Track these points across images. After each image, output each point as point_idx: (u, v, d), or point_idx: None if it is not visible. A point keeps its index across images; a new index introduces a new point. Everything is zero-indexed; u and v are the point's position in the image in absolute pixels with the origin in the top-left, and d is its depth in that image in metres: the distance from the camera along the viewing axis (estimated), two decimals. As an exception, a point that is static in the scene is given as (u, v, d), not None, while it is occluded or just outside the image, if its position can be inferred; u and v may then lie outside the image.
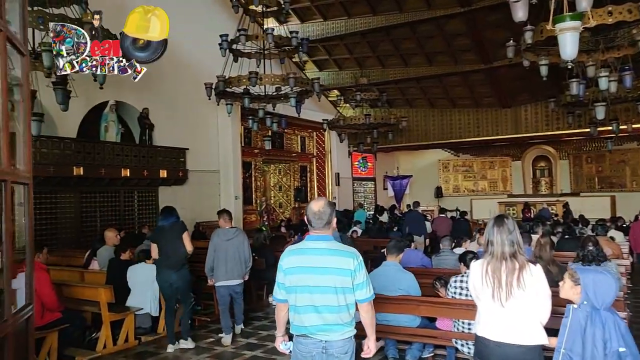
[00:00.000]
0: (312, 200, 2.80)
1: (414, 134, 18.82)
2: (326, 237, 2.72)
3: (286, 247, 6.51)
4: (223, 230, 5.88)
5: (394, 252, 4.59)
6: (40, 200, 9.04)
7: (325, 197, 3.47)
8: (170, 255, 5.32)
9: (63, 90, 6.01)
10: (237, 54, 10.31)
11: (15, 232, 3.29)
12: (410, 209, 12.28)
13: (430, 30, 14.39)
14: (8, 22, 2.79)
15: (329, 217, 2.71)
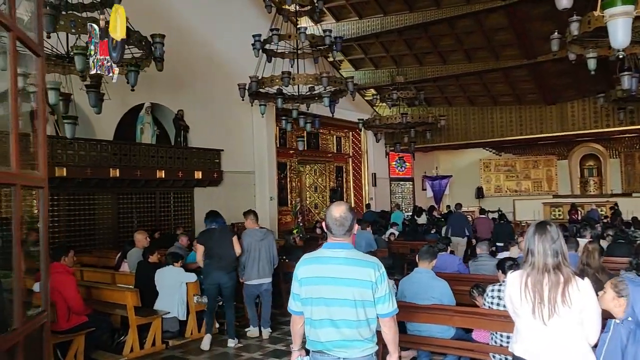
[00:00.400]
0: (333, 205, 2.56)
1: (453, 133, 18.31)
2: (346, 245, 2.50)
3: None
4: (253, 231, 5.99)
5: (426, 258, 4.32)
6: (78, 201, 9.22)
7: (346, 202, 3.24)
8: (223, 257, 5.51)
9: (96, 93, 6.04)
10: (270, 54, 10.21)
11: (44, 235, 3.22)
12: (453, 210, 11.88)
13: (469, 26, 13.92)
14: (20, 20, 2.71)
15: (350, 224, 2.48)
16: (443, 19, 13.53)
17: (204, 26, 12.14)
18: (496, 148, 21.04)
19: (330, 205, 2.56)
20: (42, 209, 2.98)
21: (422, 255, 4.35)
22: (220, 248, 5.54)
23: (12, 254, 2.62)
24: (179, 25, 11.61)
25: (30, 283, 4.62)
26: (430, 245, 4.54)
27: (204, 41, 12.13)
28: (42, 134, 3.00)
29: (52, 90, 5.78)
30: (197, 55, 11.95)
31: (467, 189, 21.47)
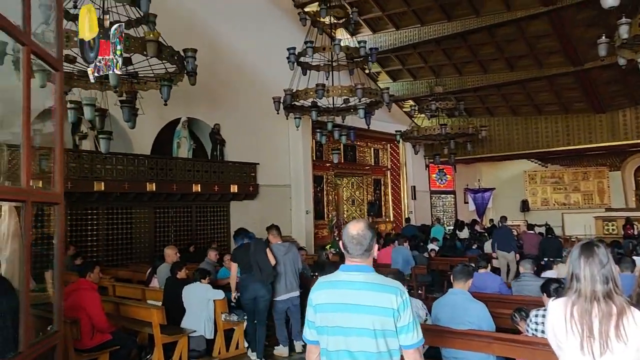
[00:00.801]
0: (350, 222, 2.36)
1: (495, 144, 17.71)
2: (364, 267, 2.26)
3: None
4: (277, 246, 5.99)
5: (460, 278, 4.03)
6: (116, 215, 9.36)
7: (366, 219, 3.02)
8: (262, 269, 5.52)
9: (130, 108, 6.08)
10: (305, 66, 10.14)
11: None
12: (498, 224, 11.38)
13: (510, 34, 13.46)
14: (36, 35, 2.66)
15: (369, 243, 2.25)
16: (483, 27, 13.13)
17: (239, 41, 12.23)
18: (542, 159, 20.24)
19: (348, 223, 2.36)
20: (57, 226, 2.90)
21: (457, 274, 4.06)
22: (259, 260, 5.57)
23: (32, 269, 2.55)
24: (214, 40, 11.75)
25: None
26: (464, 263, 4.22)
27: (239, 56, 12.21)
28: (59, 150, 2.94)
29: (87, 106, 5.85)
30: (233, 70, 12.03)
31: (512, 202, 20.78)
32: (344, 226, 2.35)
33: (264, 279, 5.54)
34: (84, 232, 8.86)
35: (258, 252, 5.60)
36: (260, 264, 5.55)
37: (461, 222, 16.94)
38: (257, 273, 5.51)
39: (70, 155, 8.29)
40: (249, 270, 5.58)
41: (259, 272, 5.52)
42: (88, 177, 8.49)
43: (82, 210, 8.85)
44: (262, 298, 5.61)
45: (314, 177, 14.56)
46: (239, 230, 6.27)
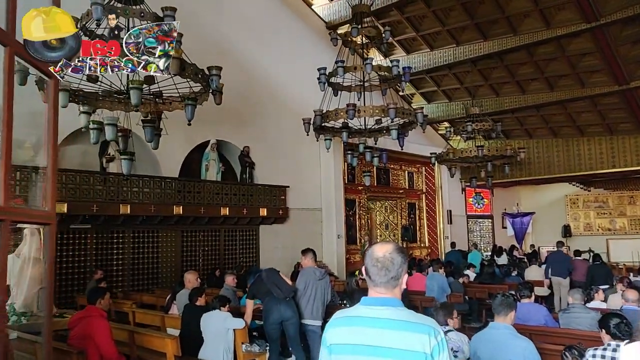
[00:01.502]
0: (377, 244, 1.98)
1: (535, 167, 17.00)
2: (391, 300, 1.86)
3: None
4: (312, 269, 5.74)
5: (502, 311, 3.59)
6: (142, 239, 9.24)
7: (395, 242, 2.62)
8: (282, 288, 5.32)
9: (152, 127, 5.95)
10: (336, 87, 9.94)
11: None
12: (556, 249, 10.99)
13: (550, 52, 12.96)
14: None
15: (397, 270, 1.85)
16: (521, 46, 12.69)
17: (270, 62, 12.18)
18: (584, 183, 19.37)
19: (374, 245, 1.97)
20: (46, 247, 2.66)
21: (497, 307, 3.62)
22: (275, 283, 5.37)
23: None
24: (244, 62, 11.72)
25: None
26: (504, 293, 3.76)
27: (270, 77, 12.15)
28: (51, 166, 2.71)
29: (109, 126, 5.75)
30: (263, 91, 11.96)
31: (553, 227, 19.97)
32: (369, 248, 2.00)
33: (285, 294, 5.31)
34: (110, 255, 8.77)
35: (271, 275, 5.46)
36: (277, 283, 5.37)
37: (499, 248, 16.24)
38: (276, 292, 5.29)
39: (97, 178, 8.26)
40: (270, 295, 5.37)
41: (279, 290, 5.31)
42: (114, 200, 8.42)
43: (108, 233, 8.77)
44: (289, 321, 5.34)
45: (346, 200, 14.22)
46: (248, 269, 6.14)
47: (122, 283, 8.84)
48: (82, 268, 8.31)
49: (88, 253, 8.44)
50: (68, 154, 9.02)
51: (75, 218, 8.05)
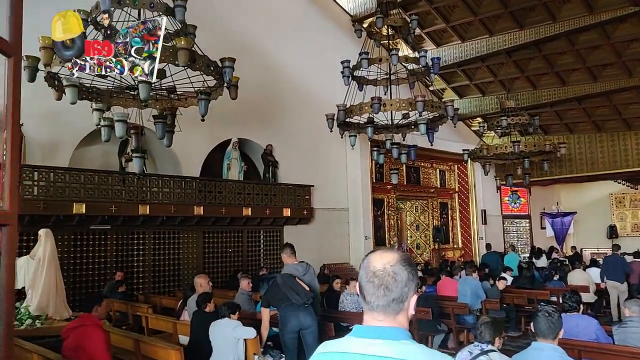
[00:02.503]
0: (375, 252, 1.43)
1: (576, 164, 16.06)
2: (393, 332, 1.33)
3: None
4: (292, 266, 5.30)
5: (545, 332, 3.04)
6: (163, 240, 8.99)
7: (400, 250, 1.99)
8: (299, 292, 4.90)
9: (163, 124, 5.61)
10: (362, 81, 9.47)
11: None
12: (610, 253, 10.53)
13: (593, 40, 12.13)
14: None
15: (401, 290, 1.33)
16: (561, 33, 11.91)
17: (293, 57, 11.80)
18: (631, 180, 18.28)
19: (370, 254, 1.43)
20: (4, 250, 2.27)
21: (540, 327, 3.07)
22: (291, 288, 4.93)
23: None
24: (267, 58, 11.38)
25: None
26: (548, 311, 3.15)
27: (293, 73, 11.76)
28: (11, 159, 2.32)
29: (119, 123, 5.44)
30: (286, 88, 11.59)
31: (597, 227, 18.98)
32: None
33: (304, 299, 4.88)
34: (131, 257, 8.55)
35: (287, 280, 5.00)
36: (294, 288, 4.93)
37: (538, 249, 15.40)
38: (294, 297, 4.86)
39: (116, 178, 8.03)
40: (288, 301, 4.94)
41: (297, 296, 4.86)
42: (133, 200, 8.18)
43: (128, 234, 8.55)
44: (309, 329, 4.93)
45: (374, 200, 13.71)
46: (259, 277, 5.65)
47: (143, 285, 8.60)
48: (102, 270, 8.11)
49: (108, 254, 8.23)
50: (89, 154, 8.86)
51: (94, 219, 7.85)
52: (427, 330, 6.24)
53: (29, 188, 7.06)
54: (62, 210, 7.26)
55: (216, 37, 10.05)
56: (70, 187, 7.46)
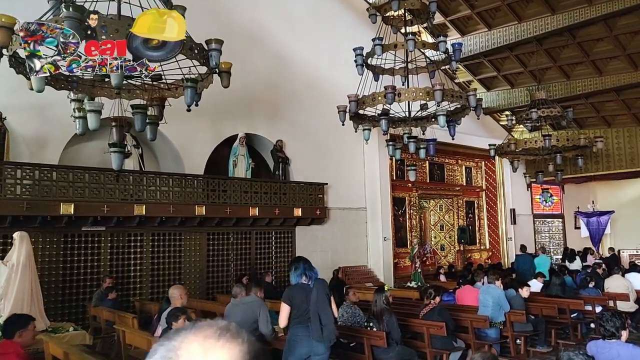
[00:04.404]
0: (190, 338, 0.82)
1: (614, 160, 14.94)
2: None
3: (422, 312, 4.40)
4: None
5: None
6: (163, 242, 8.47)
7: (240, 338, 1.05)
8: (325, 323, 4.14)
9: (142, 114, 5.03)
10: (377, 70, 8.76)
11: None
12: None
13: (634, 24, 11.12)
14: None
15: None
16: (597, 18, 10.92)
17: (306, 48, 11.15)
18: (673, 177, 16.95)
19: None
20: None
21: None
22: (319, 311, 4.13)
23: None
24: (277, 48, 10.76)
25: None
26: (573, 352, 2.34)
27: (306, 64, 11.11)
28: None
29: (92, 113, 4.88)
30: (299, 80, 10.95)
31: (636, 227, 17.69)
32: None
33: (326, 339, 4.10)
34: (127, 260, 8.01)
35: (321, 299, 4.14)
36: (323, 316, 4.10)
37: (571, 251, 14.39)
38: (315, 329, 4.08)
39: (109, 176, 7.50)
40: (305, 322, 4.16)
41: (319, 329, 4.07)
42: (128, 199, 7.66)
43: (124, 236, 8.02)
44: (320, 356, 4.20)
45: (394, 199, 12.96)
46: (298, 260, 4.59)
47: (141, 291, 8.07)
48: (95, 274, 7.61)
49: (102, 258, 7.72)
50: (86, 151, 8.42)
51: (85, 220, 7.36)
52: (440, 347, 5.51)
53: (10, 187, 6.61)
54: (48, 210, 6.78)
55: (224, 26, 9.50)
56: (57, 185, 6.98)
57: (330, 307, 4.22)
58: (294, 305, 4.15)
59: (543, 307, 7.52)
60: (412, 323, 5.71)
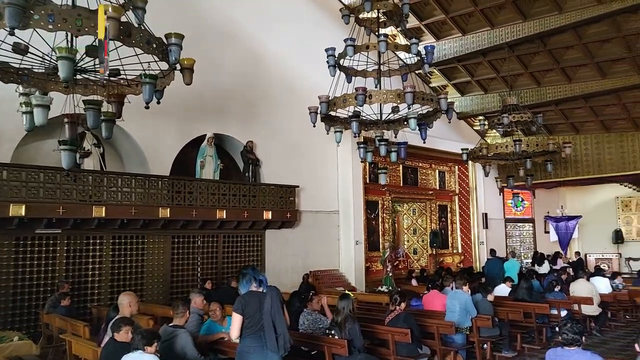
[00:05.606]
0: None
1: (582, 166, 15.18)
2: None
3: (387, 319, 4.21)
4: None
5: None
6: (125, 245, 8.14)
7: None
8: (281, 332, 3.88)
9: (95, 111, 4.75)
10: (350, 72, 8.63)
11: None
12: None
13: (603, 32, 11.28)
14: None
15: None
16: (567, 25, 11.04)
17: (282, 49, 10.97)
18: (637, 183, 17.48)
19: None
20: None
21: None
22: (275, 320, 3.89)
23: None
24: (251, 47, 10.56)
25: None
26: None
27: (281, 65, 10.93)
28: None
29: (40, 108, 4.59)
30: (273, 81, 10.76)
31: (602, 232, 18.36)
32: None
33: (281, 348, 3.84)
34: (85, 265, 7.65)
35: (275, 307, 3.90)
36: (278, 324, 3.86)
37: (540, 255, 14.52)
38: (270, 338, 3.83)
39: (66, 176, 7.13)
40: (258, 332, 3.88)
41: (274, 338, 3.83)
42: (86, 200, 7.34)
43: (83, 239, 7.67)
44: None
45: (368, 202, 12.87)
46: (245, 268, 4.27)
47: (99, 297, 7.74)
48: (50, 280, 7.25)
49: (58, 262, 7.37)
50: (46, 149, 8.03)
51: (39, 222, 6.99)
52: (405, 354, 5.37)
53: None
54: (-4, 211, 6.42)
55: (195, 22, 9.26)
56: (8, 185, 6.62)
57: (284, 314, 4.01)
58: (247, 314, 3.86)
59: (509, 312, 7.49)
60: (377, 330, 5.57)
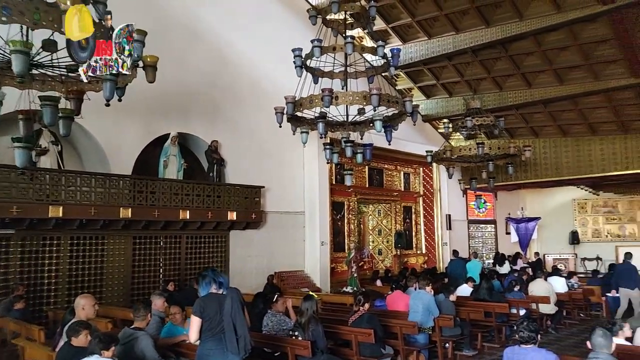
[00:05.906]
0: None
1: (541, 169, 15.66)
2: None
3: (351, 319, 4.25)
4: None
5: None
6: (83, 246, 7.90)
7: None
8: (241, 333, 3.83)
9: (52, 107, 4.59)
10: (316, 73, 8.63)
11: None
12: (623, 261, 10.47)
13: (561, 40, 11.63)
14: None
15: None
16: (527, 32, 11.36)
17: (249, 49, 10.89)
18: (593, 186, 18.19)
19: None
20: None
21: None
22: (235, 321, 3.83)
23: None
24: (220, 48, 10.45)
25: None
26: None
27: (247, 64, 10.85)
28: None
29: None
30: (239, 80, 10.67)
31: (559, 233, 19.02)
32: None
33: (242, 350, 3.79)
34: (41, 267, 7.37)
35: (236, 308, 3.84)
36: (238, 326, 3.81)
37: (502, 255, 14.90)
38: (231, 340, 3.77)
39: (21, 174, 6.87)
40: (218, 334, 3.84)
41: (235, 340, 3.77)
42: (43, 200, 7.09)
43: (39, 240, 7.39)
44: None
45: (334, 203, 12.91)
46: (205, 270, 4.29)
47: (56, 300, 7.47)
48: (2, 282, 6.95)
49: (11, 264, 7.08)
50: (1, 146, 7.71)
51: (-9, 222, 6.73)
52: (369, 354, 5.41)
53: None
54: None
55: (161, 19, 9.07)
56: (-42, 183, 6.36)
57: (245, 316, 3.97)
58: (206, 317, 3.83)
59: (470, 312, 7.65)
60: (341, 330, 5.59)
